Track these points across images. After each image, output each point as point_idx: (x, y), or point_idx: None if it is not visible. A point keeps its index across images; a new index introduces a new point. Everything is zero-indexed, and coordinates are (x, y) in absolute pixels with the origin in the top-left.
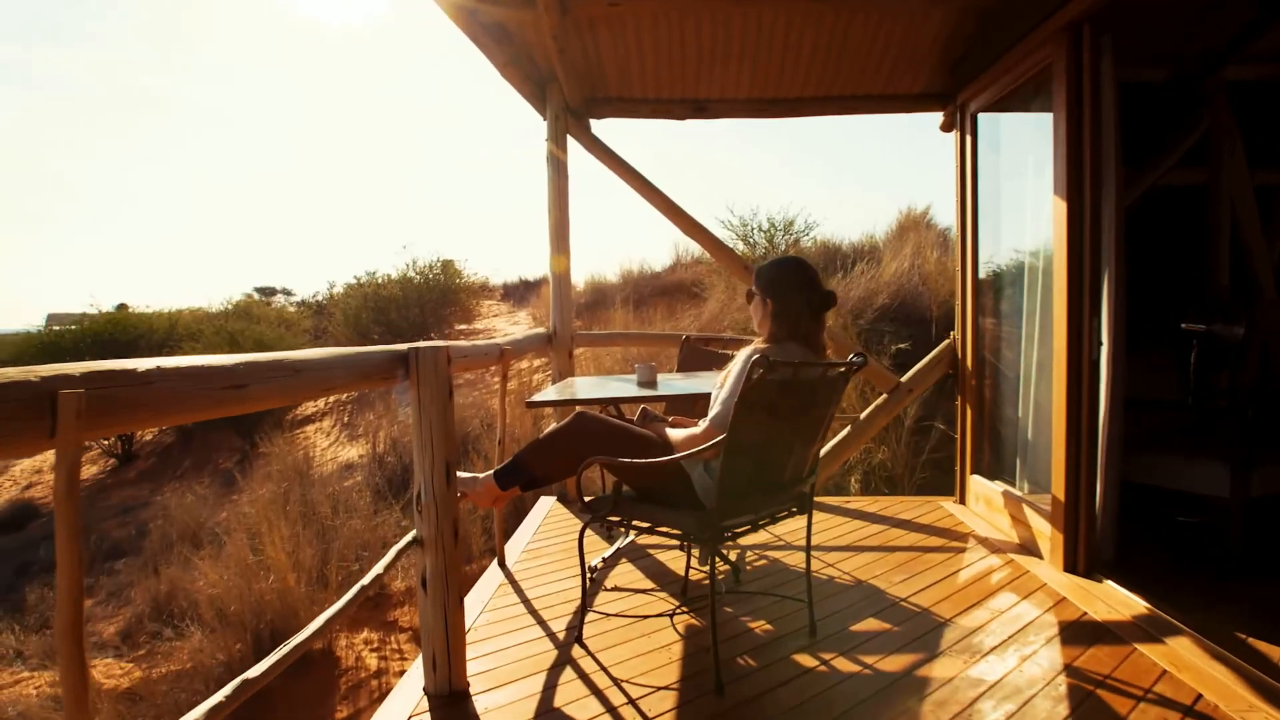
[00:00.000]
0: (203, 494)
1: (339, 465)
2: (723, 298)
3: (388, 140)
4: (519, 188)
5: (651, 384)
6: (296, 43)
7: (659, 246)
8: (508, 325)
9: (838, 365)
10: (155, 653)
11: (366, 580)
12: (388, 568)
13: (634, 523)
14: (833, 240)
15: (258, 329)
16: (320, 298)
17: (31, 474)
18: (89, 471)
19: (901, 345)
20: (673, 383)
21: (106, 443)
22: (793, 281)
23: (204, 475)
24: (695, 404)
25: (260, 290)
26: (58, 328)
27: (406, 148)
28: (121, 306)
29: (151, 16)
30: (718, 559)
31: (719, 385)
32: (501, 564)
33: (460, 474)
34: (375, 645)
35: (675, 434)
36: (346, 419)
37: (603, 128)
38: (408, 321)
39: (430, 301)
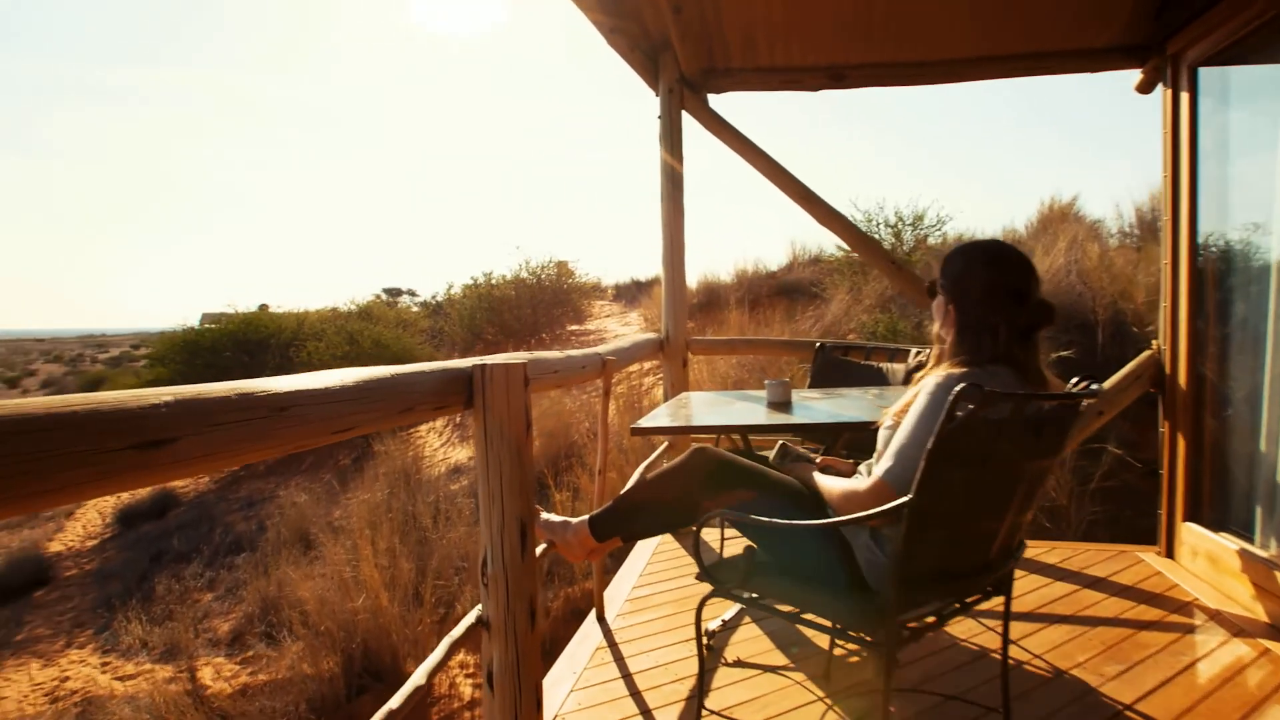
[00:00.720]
0: (317, 493)
1: (448, 468)
2: (846, 299)
3: (507, 146)
4: (631, 188)
5: (785, 404)
6: (421, 55)
7: (773, 244)
8: (619, 326)
9: (1074, 397)
10: (260, 657)
11: (419, 679)
12: (442, 663)
13: (773, 606)
14: (968, 235)
15: (376, 329)
16: (439, 299)
17: None
18: None
19: (1063, 353)
20: (812, 405)
21: None
22: (999, 281)
23: (324, 471)
24: (841, 436)
25: (388, 291)
26: (209, 325)
27: (524, 152)
28: (263, 307)
29: (281, 35)
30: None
31: (888, 421)
32: (600, 618)
33: (546, 516)
34: (472, 670)
35: (830, 486)
36: (459, 418)
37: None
38: (520, 322)
39: (543, 302)
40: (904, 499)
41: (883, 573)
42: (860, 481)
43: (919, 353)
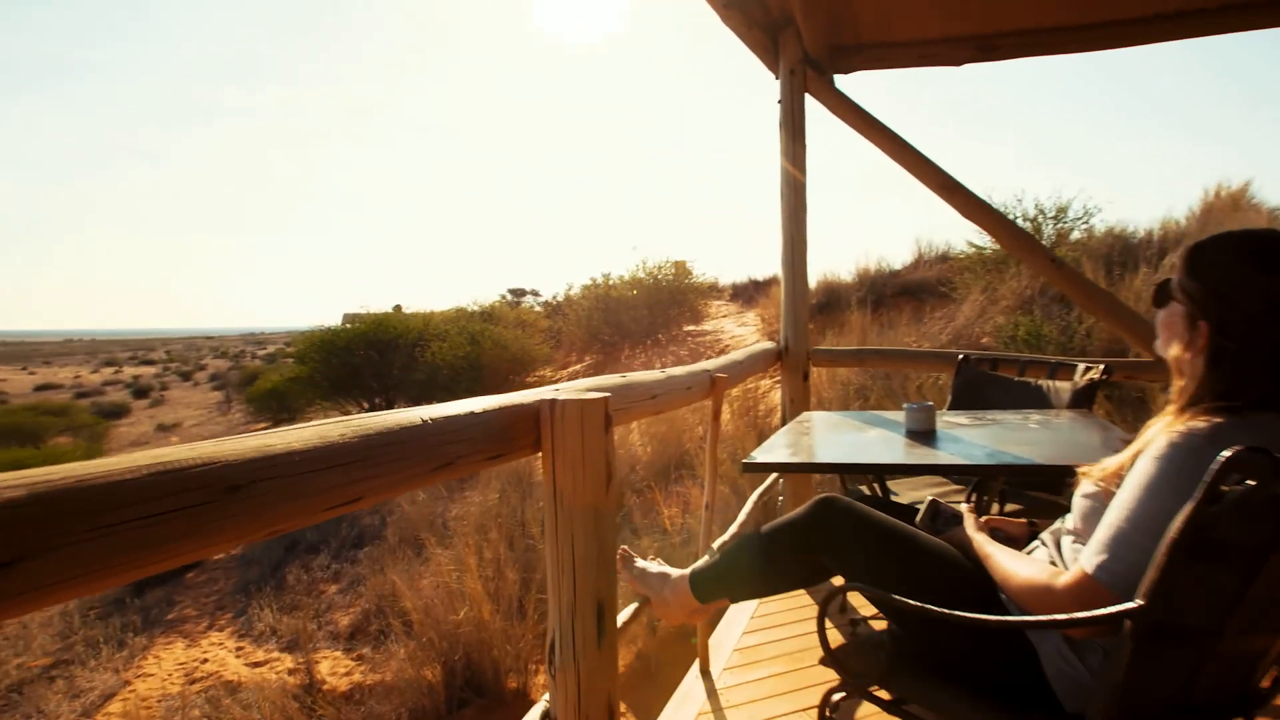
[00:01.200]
0: (437, 488)
1: None
2: (979, 300)
3: (626, 148)
4: (749, 188)
5: (928, 434)
6: (542, 61)
7: (896, 240)
8: (735, 326)
9: None
10: (373, 656)
11: None
12: None
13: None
14: (1121, 227)
15: (496, 330)
16: (559, 299)
17: None
18: None
19: None
20: (963, 435)
21: None
22: (1268, 290)
23: None
24: (998, 478)
25: (512, 291)
26: (345, 325)
27: (643, 153)
28: (397, 308)
29: (403, 47)
30: None
31: (1088, 487)
32: (704, 671)
33: (641, 565)
34: None
35: (1006, 568)
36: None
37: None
38: (637, 323)
39: (659, 302)
40: (1128, 605)
41: (1086, 694)
42: (1049, 572)
43: (1088, 369)
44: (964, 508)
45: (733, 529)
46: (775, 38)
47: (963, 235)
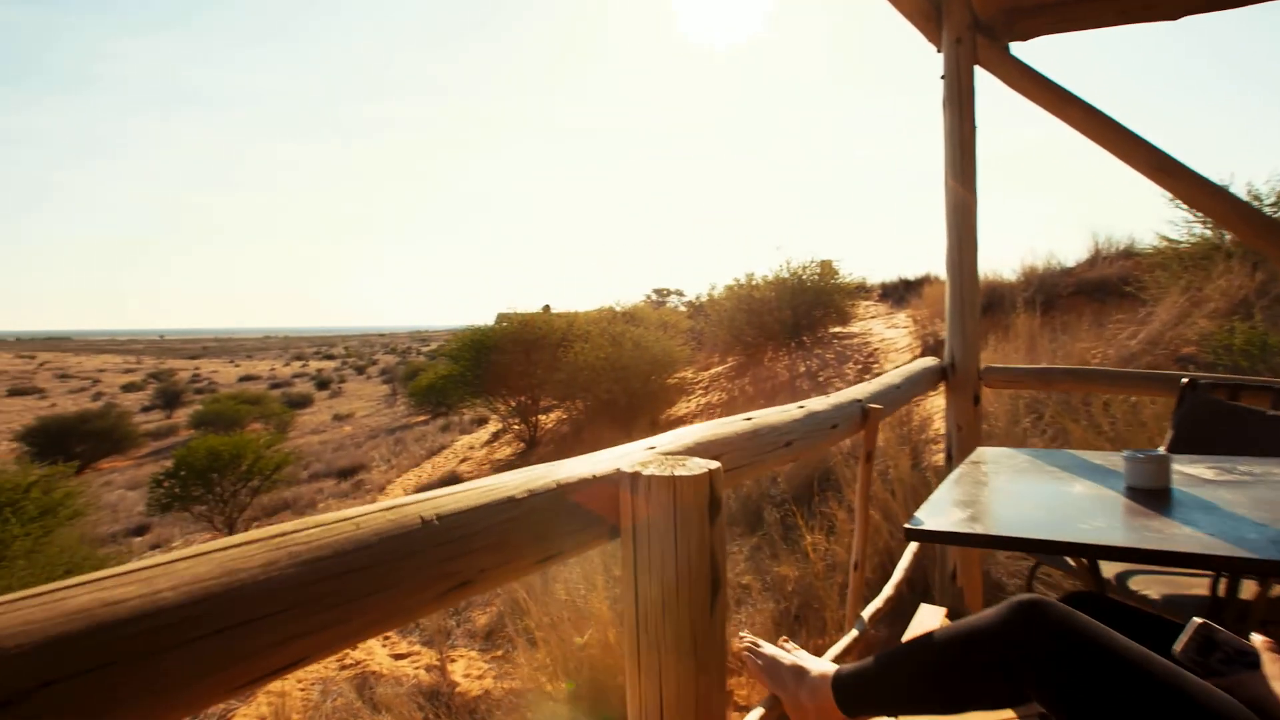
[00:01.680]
0: None
1: None
2: (1179, 302)
3: (771, 147)
4: (900, 184)
5: (1159, 494)
6: (688, 64)
7: (1066, 235)
8: (885, 328)
9: None
10: (506, 659)
11: None
12: None
13: None
14: None
15: (636, 331)
16: (702, 300)
17: (466, 450)
18: (503, 452)
19: None
20: (1210, 495)
21: (519, 427)
22: None
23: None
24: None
25: (657, 292)
26: (493, 325)
27: (788, 152)
28: (545, 308)
29: (551, 54)
30: None
31: None
32: None
33: (771, 652)
34: None
35: None
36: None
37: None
38: (781, 324)
39: (804, 303)
40: None
41: None
42: None
43: None
44: (1259, 641)
45: (886, 592)
46: (938, 3)
47: (1152, 226)
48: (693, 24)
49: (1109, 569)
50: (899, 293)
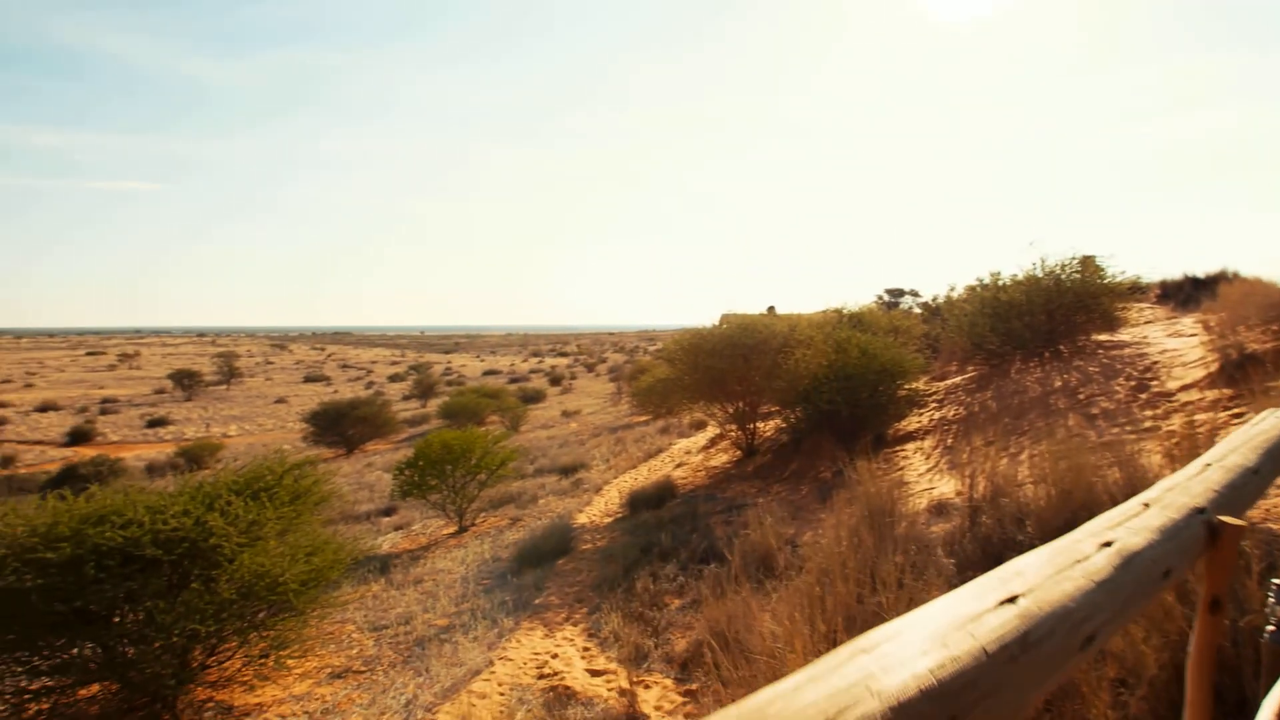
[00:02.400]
0: (795, 505)
1: (931, 502)
2: None
3: (1019, 132)
4: (1179, 169)
5: None
6: (921, 44)
7: None
8: (1165, 336)
9: None
10: (703, 692)
11: None
12: None
13: None
14: None
15: (863, 337)
16: (939, 301)
17: (682, 454)
18: (720, 459)
19: None
20: None
21: (735, 434)
22: None
23: (804, 483)
24: None
25: (890, 292)
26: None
27: (1040, 140)
28: (770, 309)
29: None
30: None
31: None
32: None
33: None
34: None
35: None
36: (950, 440)
37: None
38: (1032, 330)
39: (1061, 306)
40: None
41: None
42: None
43: None
44: None
45: None
46: None
47: None
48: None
49: None
50: (1184, 293)
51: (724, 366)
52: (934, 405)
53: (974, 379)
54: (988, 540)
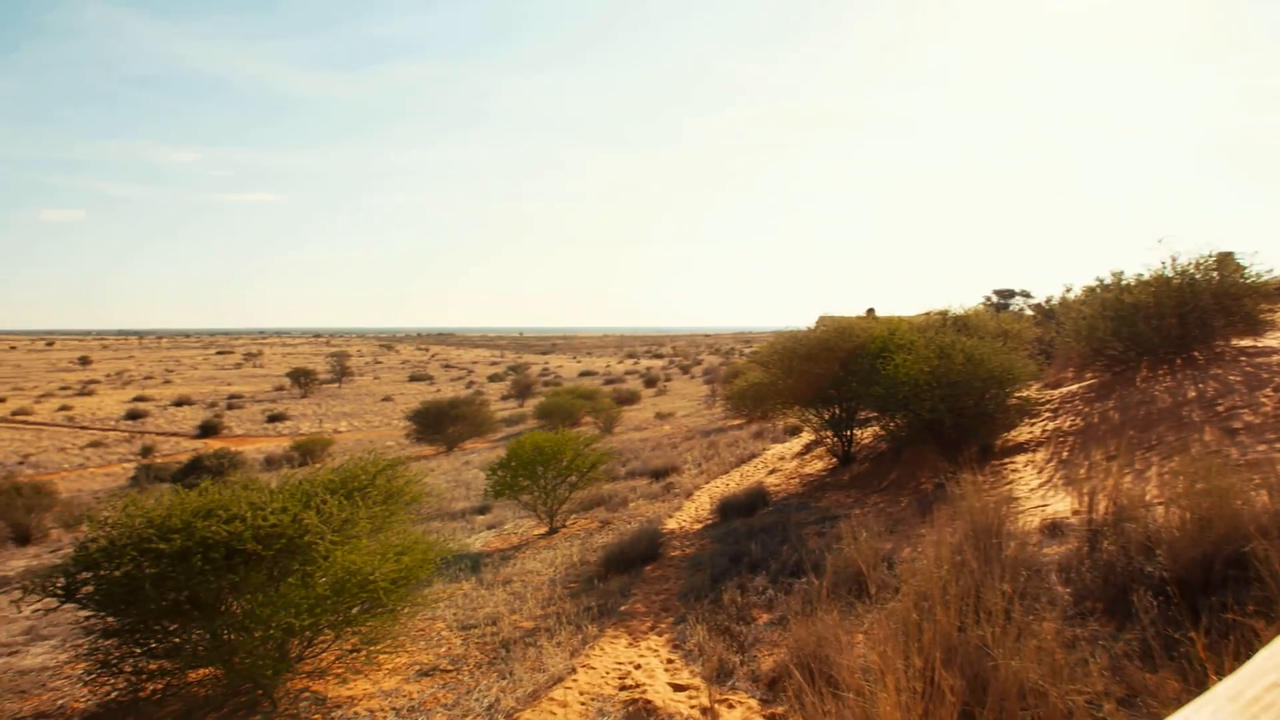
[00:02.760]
0: (893, 519)
1: (1044, 522)
2: None
3: (1141, 119)
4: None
5: None
6: (1030, 31)
7: None
8: None
9: None
10: (789, 718)
11: None
12: None
13: None
14: None
15: (969, 342)
16: (1053, 303)
17: (776, 460)
18: (814, 467)
19: None
20: None
21: (832, 440)
22: None
23: (904, 493)
24: None
25: (998, 293)
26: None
27: (1159, 131)
28: (870, 311)
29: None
30: None
31: None
32: None
33: None
34: None
35: None
36: (1065, 453)
37: None
38: (1162, 335)
39: (1195, 308)
40: None
41: None
42: None
43: None
44: None
45: None
46: None
47: None
48: None
49: None
50: None
51: (819, 371)
52: (1047, 415)
53: (1093, 387)
54: (1110, 569)
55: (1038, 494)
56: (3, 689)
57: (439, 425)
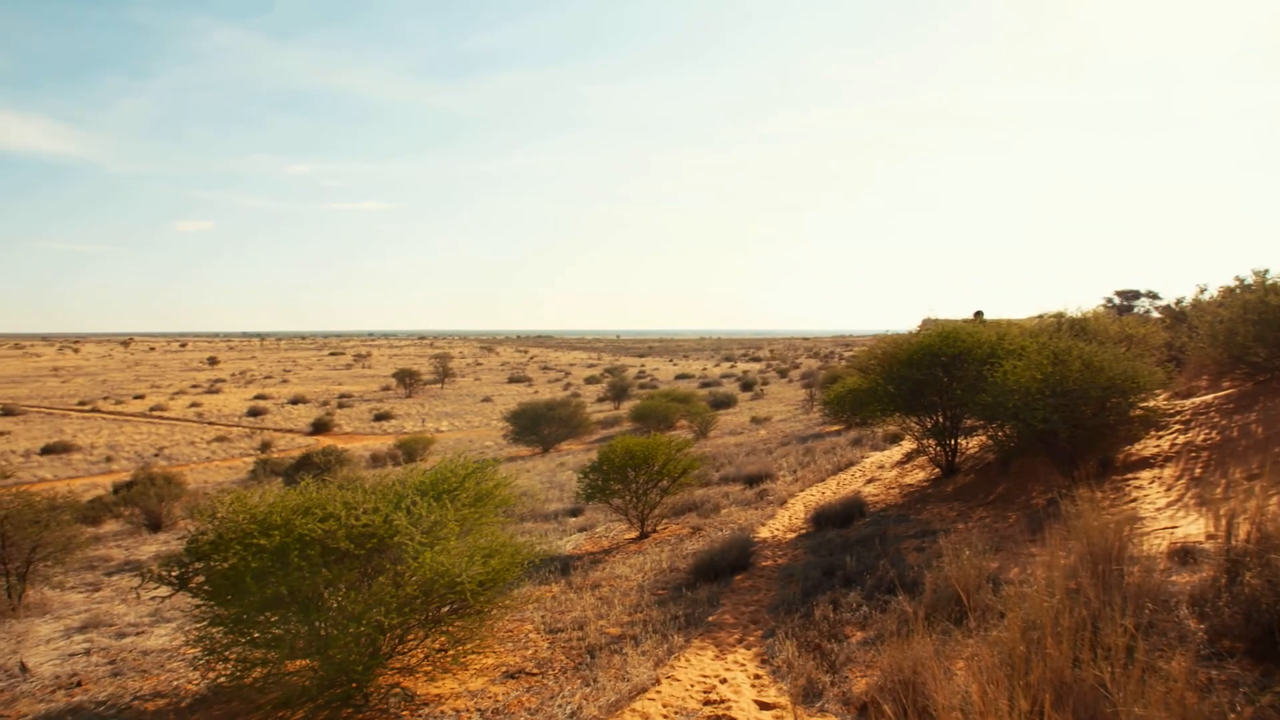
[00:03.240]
0: (999, 535)
1: (1172, 546)
2: None
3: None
4: None
5: None
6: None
7: None
8: None
9: None
10: None
11: None
12: None
13: None
14: None
15: (1087, 347)
16: (1185, 305)
17: (875, 469)
18: (915, 477)
19: None
20: None
21: (935, 450)
22: None
23: (1012, 509)
24: None
25: (1120, 294)
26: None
27: None
28: (977, 314)
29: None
30: None
31: None
32: None
33: None
34: None
35: None
36: (1199, 470)
37: None
38: None
39: None
40: None
41: None
42: None
43: None
44: None
45: None
46: None
47: None
48: None
49: None
50: None
51: (921, 377)
52: (1177, 427)
53: (1232, 397)
54: (1253, 604)
55: (1165, 515)
56: (128, 667)
57: (535, 426)
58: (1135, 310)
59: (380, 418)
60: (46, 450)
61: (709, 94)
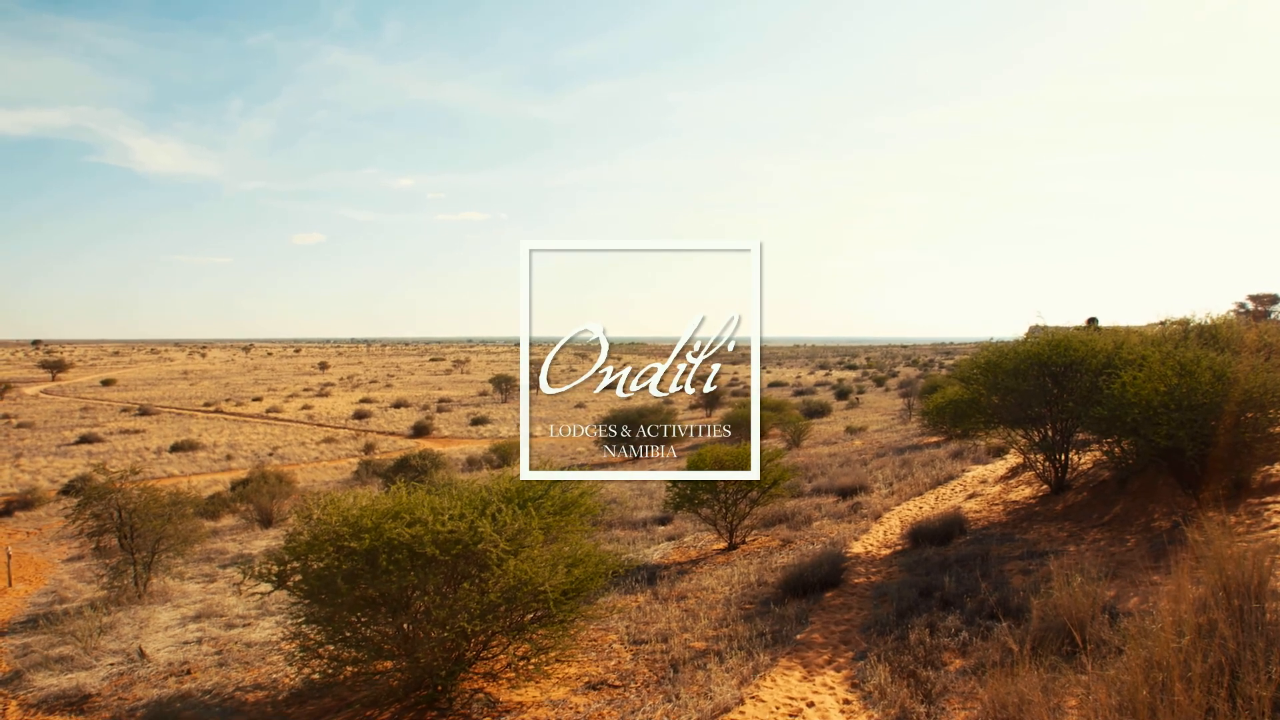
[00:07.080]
0: (1115, 560)
1: None
2: None
3: None
4: None
5: None
6: None
7: None
8: None
9: None
10: None
11: None
12: None
13: None
14: None
15: (1218, 358)
16: None
17: (977, 484)
18: (1021, 494)
19: None
20: None
21: (1043, 465)
22: None
23: (1130, 531)
24: None
25: (1254, 299)
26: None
27: None
28: (1091, 321)
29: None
30: None
31: None
32: None
33: None
34: None
35: None
36: None
37: None
38: None
39: None
40: None
41: None
42: None
43: None
44: None
45: None
46: None
47: None
48: None
49: None
50: None
51: (1029, 388)
52: None
53: None
54: None
55: None
56: (233, 658)
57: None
58: (1273, 316)
59: (477, 422)
60: (175, 448)
61: (799, 100)
